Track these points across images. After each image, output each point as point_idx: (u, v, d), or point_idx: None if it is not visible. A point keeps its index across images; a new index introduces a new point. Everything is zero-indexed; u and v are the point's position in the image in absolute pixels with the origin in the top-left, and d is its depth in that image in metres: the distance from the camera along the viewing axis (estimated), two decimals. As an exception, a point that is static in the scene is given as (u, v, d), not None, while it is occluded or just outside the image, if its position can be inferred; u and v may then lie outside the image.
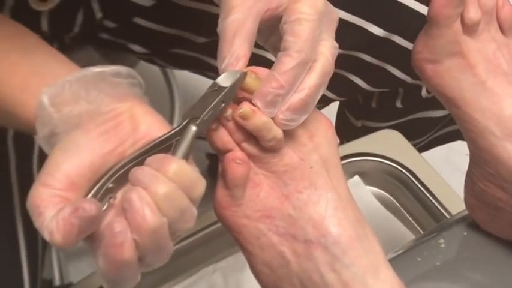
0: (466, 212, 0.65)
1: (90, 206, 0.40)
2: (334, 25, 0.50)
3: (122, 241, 0.40)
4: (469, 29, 0.56)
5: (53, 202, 0.41)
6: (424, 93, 0.84)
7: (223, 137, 0.48)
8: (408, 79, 0.81)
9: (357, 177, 0.87)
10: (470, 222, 0.64)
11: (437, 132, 0.94)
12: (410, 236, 0.84)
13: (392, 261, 0.58)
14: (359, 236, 0.48)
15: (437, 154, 1.31)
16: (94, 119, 0.45)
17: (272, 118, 0.47)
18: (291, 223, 0.49)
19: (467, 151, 0.60)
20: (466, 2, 0.56)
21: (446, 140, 0.97)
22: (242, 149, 0.49)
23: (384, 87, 0.85)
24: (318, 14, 0.47)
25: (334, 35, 0.50)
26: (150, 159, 0.43)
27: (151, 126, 0.46)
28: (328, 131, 0.51)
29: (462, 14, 0.56)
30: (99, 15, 0.75)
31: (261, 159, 0.49)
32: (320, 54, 0.48)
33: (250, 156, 0.49)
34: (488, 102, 0.57)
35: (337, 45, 0.49)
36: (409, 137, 0.89)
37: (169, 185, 0.42)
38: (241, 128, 0.47)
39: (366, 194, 0.87)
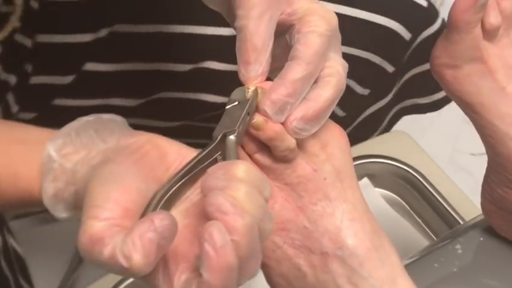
0: (481, 217, 0.64)
1: (164, 216, 0.36)
2: (340, 43, 0.50)
3: (223, 244, 0.36)
4: (489, 34, 0.56)
5: (116, 231, 0.37)
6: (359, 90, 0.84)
7: None
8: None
9: (366, 179, 0.87)
10: (486, 228, 0.64)
11: (385, 120, 0.94)
12: (419, 238, 0.84)
13: (409, 267, 0.58)
14: (376, 247, 0.48)
15: (441, 154, 1.31)
16: (119, 153, 0.42)
17: (283, 126, 0.46)
18: (307, 235, 0.48)
19: (472, 151, 0.60)
20: (487, 7, 0.55)
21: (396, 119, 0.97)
22: (255, 161, 0.48)
23: None
24: (332, 30, 0.47)
25: (341, 54, 0.50)
26: (211, 169, 0.40)
27: (180, 150, 0.44)
28: (341, 140, 0.50)
29: (482, 20, 0.56)
30: (15, 108, 0.72)
31: (274, 170, 0.48)
32: (335, 71, 0.48)
33: (263, 168, 0.48)
34: (508, 108, 0.56)
35: (347, 64, 0.49)
36: (367, 134, 0.89)
37: (246, 184, 0.39)
38: (254, 139, 0.47)
39: (375, 196, 0.86)
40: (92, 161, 0.43)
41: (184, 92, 0.72)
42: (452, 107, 0.60)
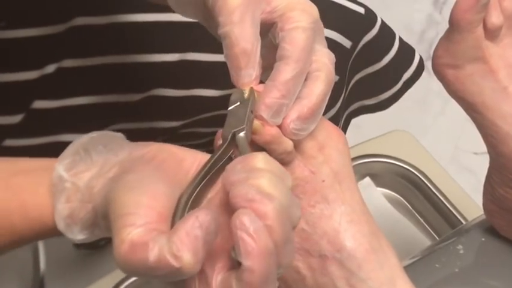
0: (483, 217, 0.64)
1: (207, 211, 0.35)
2: (323, 34, 0.50)
3: (257, 228, 0.34)
4: (491, 34, 0.56)
5: (157, 234, 0.35)
6: None
7: None
8: None
9: (368, 179, 0.87)
10: (488, 228, 0.63)
11: None
12: (421, 238, 0.84)
13: (410, 268, 0.58)
14: (374, 249, 0.47)
15: (443, 153, 1.31)
16: (136, 163, 0.41)
17: (281, 129, 0.46)
18: (305, 238, 0.48)
19: (475, 150, 0.60)
20: (488, 7, 0.55)
21: None
22: None
23: None
24: (315, 22, 0.47)
25: (326, 44, 0.49)
26: (230, 165, 0.39)
27: (196, 155, 0.43)
28: (339, 141, 0.50)
29: (484, 19, 0.55)
30: None
31: None
32: (322, 64, 0.47)
33: None
34: (510, 108, 0.56)
35: (333, 55, 0.49)
36: None
37: (267, 172, 0.37)
38: (250, 142, 0.47)
39: (377, 195, 0.86)
40: (107, 174, 0.41)
41: (137, 122, 0.71)
42: (455, 106, 0.60)
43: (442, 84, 0.59)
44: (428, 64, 0.73)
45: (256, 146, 0.47)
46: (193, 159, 0.43)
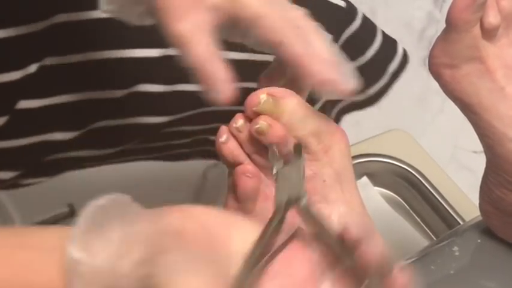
0: (479, 219, 0.64)
1: None
2: None
3: None
4: (488, 33, 0.55)
5: None
6: None
7: (234, 149, 0.47)
8: None
9: (365, 178, 0.86)
10: (484, 229, 0.63)
11: None
12: (418, 238, 0.83)
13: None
14: None
15: (442, 151, 1.30)
16: (166, 239, 0.36)
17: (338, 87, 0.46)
18: None
19: (474, 148, 0.60)
20: (486, 6, 0.54)
21: None
22: (253, 161, 0.48)
23: None
24: None
25: None
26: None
27: (228, 223, 0.38)
28: (342, 142, 0.49)
29: (481, 19, 0.55)
30: None
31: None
32: (300, 19, 0.47)
33: (261, 168, 0.48)
34: (506, 109, 0.55)
35: (299, 8, 0.49)
36: None
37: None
38: (253, 139, 0.46)
39: (374, 195, 0.86)
40: (132, 255, 0.36)
41: (121, 118, 0.71)
42: (454, 104, 0.59)
43: (438, 84, 0.59)
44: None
45: (253, 146, 0.47)
46: (226, 229, 0.38)
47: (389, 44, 0.86)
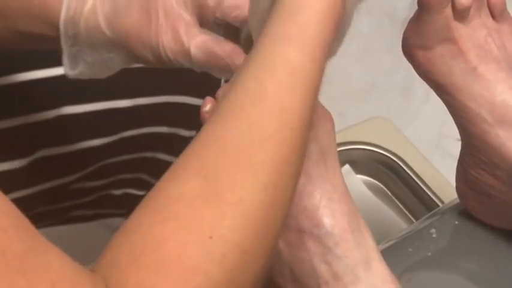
0: (457, 201, 0.64)
1: None
2: None
3: None
4: (460, 14, 0.55)
5: None
6: None
7: None
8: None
9: (347, 166, 0.86)
10: (461, 211, 0.63)
11: None
12: (402, 225, 0.83)
13: (383, 252, 0.57)
14: (352, 228, 0.47)
15: (427, 139, 1.31)
16: None
17: None
18: None
19: (459, 136, 0.60)
20: (457, -13, 0.55)
21: None
22: None
23: None
24: None
25: None
26: None
27: None
28: (328, 123, 0.50)
29: (453, 0, 0.55)
30: None
31: None
32: None
33: None
34: (480, 89, 0.56)
35: None
36: None
37: None
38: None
39: (356, 182, 0.86)
40: None
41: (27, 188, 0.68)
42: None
43: (412, 66, 0.59)
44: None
45: None
46: None
47: None
